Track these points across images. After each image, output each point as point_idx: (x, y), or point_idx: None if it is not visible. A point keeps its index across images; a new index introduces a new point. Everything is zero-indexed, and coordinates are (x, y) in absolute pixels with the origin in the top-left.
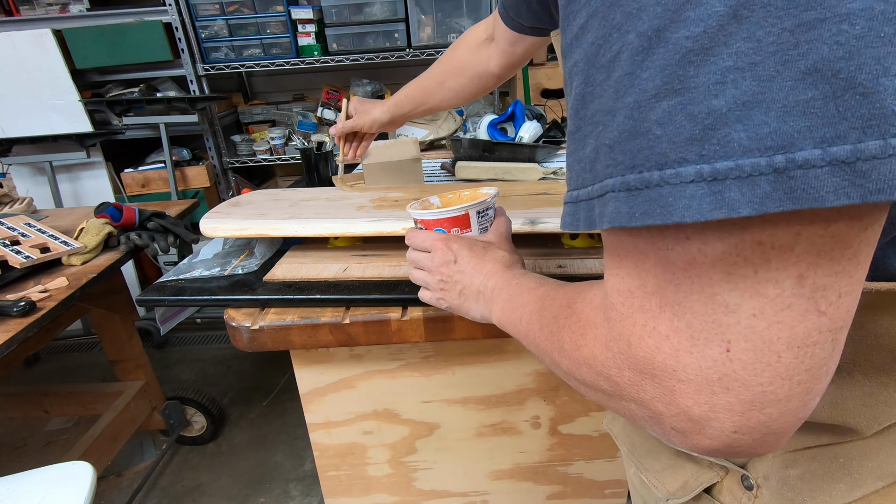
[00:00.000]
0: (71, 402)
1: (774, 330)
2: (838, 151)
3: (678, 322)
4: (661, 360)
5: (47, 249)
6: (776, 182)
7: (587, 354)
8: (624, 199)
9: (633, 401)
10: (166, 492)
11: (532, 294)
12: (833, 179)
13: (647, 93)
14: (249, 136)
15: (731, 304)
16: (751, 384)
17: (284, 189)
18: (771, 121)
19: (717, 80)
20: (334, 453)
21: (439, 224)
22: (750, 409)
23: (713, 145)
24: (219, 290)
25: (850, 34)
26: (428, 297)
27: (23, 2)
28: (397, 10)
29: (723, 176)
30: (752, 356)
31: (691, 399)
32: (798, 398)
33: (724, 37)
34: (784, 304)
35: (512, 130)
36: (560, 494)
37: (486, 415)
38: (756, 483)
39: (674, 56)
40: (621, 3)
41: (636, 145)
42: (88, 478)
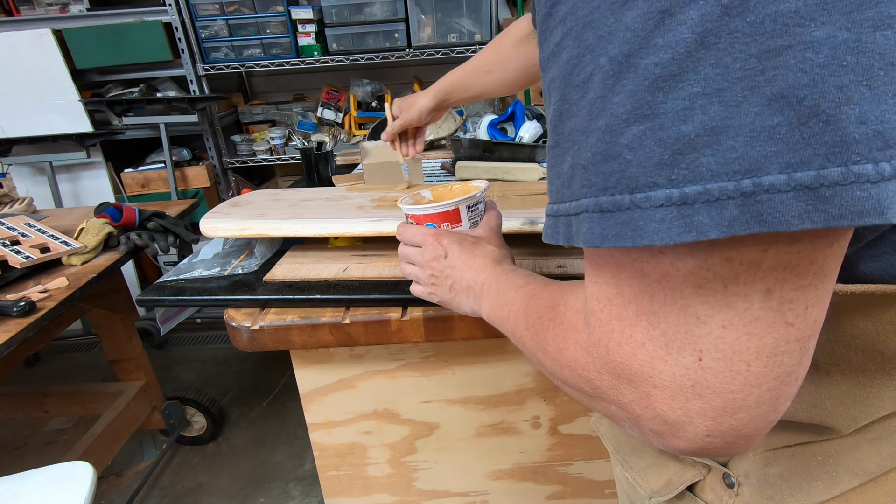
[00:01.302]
0: (71, 402)
1: (744, 341)
2: (803, 177)
3: (653, 331)
4: (637, 367)
5: (47, 249)
6: (743, 206)
7: (569, 358)
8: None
9: (612, 403)
10: (166, 492)
11: (519, 292)
12: (798, 204)
13: (617, 117)
14: (249, 136)
15: (703, 315)
16: (722, 391)
17: (284, 189)
18: (738, 146)
19: (685, 106)
20: (334, 453)
21: (430, 219)
22: (721, 415)
23: (682, 170)
24: (219, 290)
25: (814, 62)
26: (419, 292)
27: (23, 2)
28: (397, 10)
29: (692, 200)
30: (723, 365)
31: (666, 404)
32: (767, 404)
33: (692, 63)
34: (753, 317)
35: (512, 130)
36: (560, 494)
37: (486, 415)
38: (737, 481)
39: (643, 82)
40: (593, 25)
41: (608, 168)
42: (88, 478)
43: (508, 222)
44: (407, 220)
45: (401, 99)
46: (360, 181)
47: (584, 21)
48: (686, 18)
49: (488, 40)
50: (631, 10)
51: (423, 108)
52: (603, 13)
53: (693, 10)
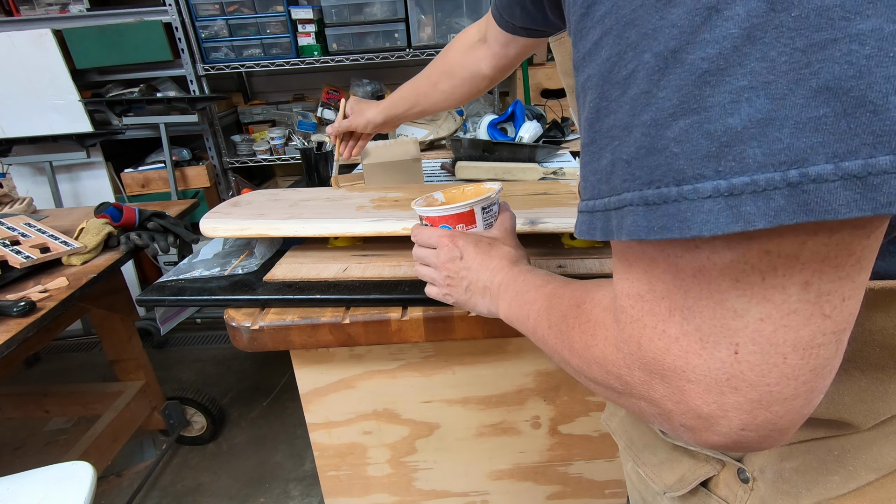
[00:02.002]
0: (71, 402)
1: (781, 333)
2: (850, 166)
3: (687, 325)
4: (670, 362)
5: (47, 249)
6: (790, 196)
7: (598, 354)
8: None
9: (643, 399)
10: (166, 492)
11: (539, 291)
12: (845, 193)
13: (664, 111)
14: (249, 136)
15: (739, 309)
16: (758, 384)
17: (284, 189)
18: (785, 137)
19: (732, 100)
20: (334, 453)
21: (445, 220)
22: (757, 408)
23: (729, 161)
24: (219, 290)
25: (861, 54)
26: (434, 293)
27: (23, 2)
28: (397, 10)
29: (739, 191)
30: (760, 358)
31: (700, 398)
32: (803, 396)
33: (738, 57)
34: (790, 309)
35: (512, 130)
36: (560, 494)
37: (486, 415)
38: (752, 476)
39: (690, 76)
40: (636, 22)
41: (654, 161)
42: (88, 478)
43: None
44: (421, 221)
45: (356, 101)
46: (360, 181)
47: (625, 20)
48: (733, 14)
49: None
50: (677, 8)
51: (371, 120)
52: (647, 11)
53: (739, 6)
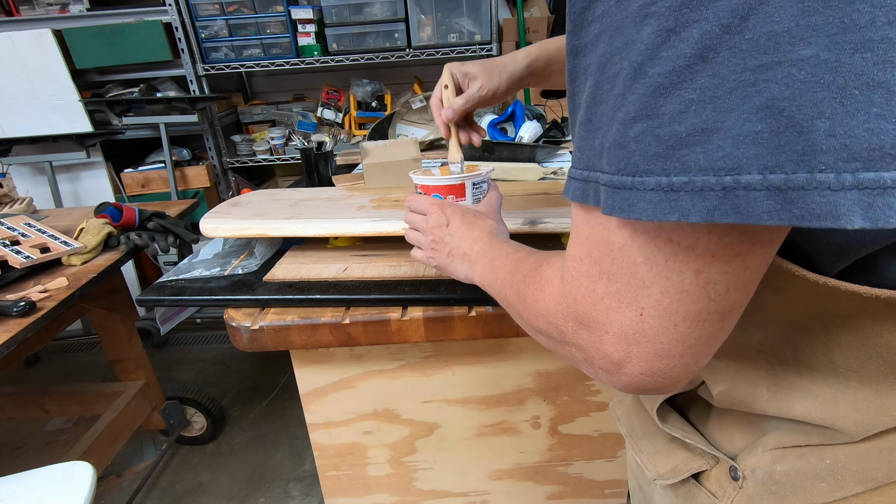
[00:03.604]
0: (71, 402)
1: (675, 306)
2: (774, 179)
3: (610, 287)
4: (595, 316)
5: (47, 249)
6: (724, 198)
7: (543, 308)
8: (610, 192)
9: (573, 346)
10: (166, 492)
11: (509, 258)
12: (768, 202)
13: (629, 114)
14: (249, 136)
15: (647, 281)
16: (655, 341)
17: (284, 189)
18: (726, 146)
19: (680, 110)
20: (334, 453)
21: (437, 190)
22: (653, 359)
23: (673, 162)
24: (219, 290)
25: (797, 78)
26: (419, 256)
27: (23, 2)
28: (397, 10)
29: (678, 188)
30: (658, 322)
31: (613, 347)
32: (689, 356)
33: (690, 74)
34: (683, 289)
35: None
36: (560, 494)
37: (486, 415)
38: (743, 475)
39: (648, 87)
40: (623, 31)
41: (621, 154)
42: (88, 478)
43: (509, 222)
44: (416, 190)
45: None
46: (360, 181)
47: (616, 25)
48: (688, 36)
49: (488, 40)
50: (646, 26)
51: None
52: (629, 23)
53: (695, 28)
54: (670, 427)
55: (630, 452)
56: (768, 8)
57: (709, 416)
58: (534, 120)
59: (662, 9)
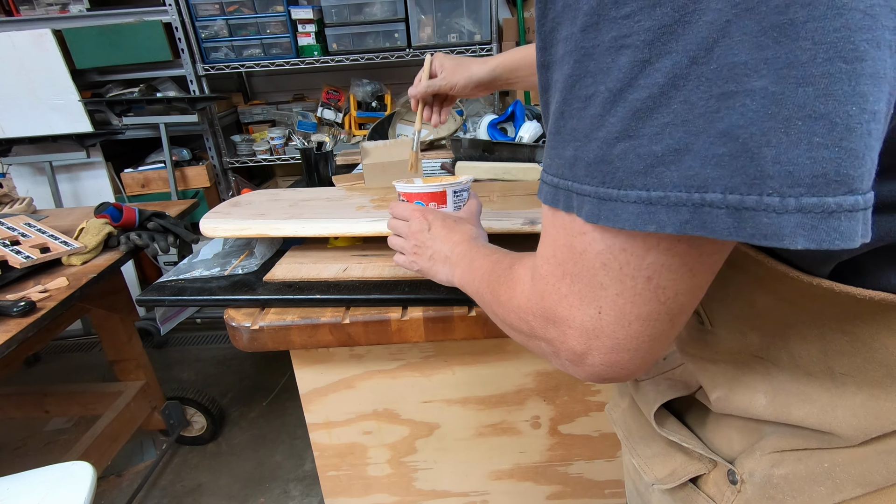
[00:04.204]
0: (71, 402)
1: (629, 307)
2: (732, 199)
3: (573, 287)
4: (560, 312)
5: (47, 249)
6: (693, 213)
7: (515, 305)
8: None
9: (542, 340)
10: (166, 492)
11: (486, 259)
12: (727, 219)
13: (612, 134)
14: (249, 136)
15: (604, 284)
16: (612, 336)
17: (284, 189)
18: (696, 165)
19: (657, 132)
20: (334, 453)
21: (419, 197)
22: (611, 353)
23: (651, 178)
24: (219, 290)
25: (750, 107)
26: (402, 261)
27: (23, 2)
28: (397, 10)
29: (655, 202)
30: (614, 320)
31: (576, 340)
32: (643, 350)
33: (664, 100)
34: (636, 293)
35: (512, 130)
36: (560, 494)
37: (486, 415)
38: (741, 479)
39: (628, 111)
40: (594, 57)
41: (605, 169)
42: (88, 478)
43: (508, 222)
44: (399, 197)
45: (447, 57)
46: (360, 181)
47: (585, 51)
48: (661, 67)
49: (488, 40)
50: (622, 56)
51: (475, 77)
52: (602, 52)
53: (667, 60)
54: (668, 431)
55: (627, 456)
56: (729, 41)
57: (706, 419)
58: (534, 120)
59: (637, 42)
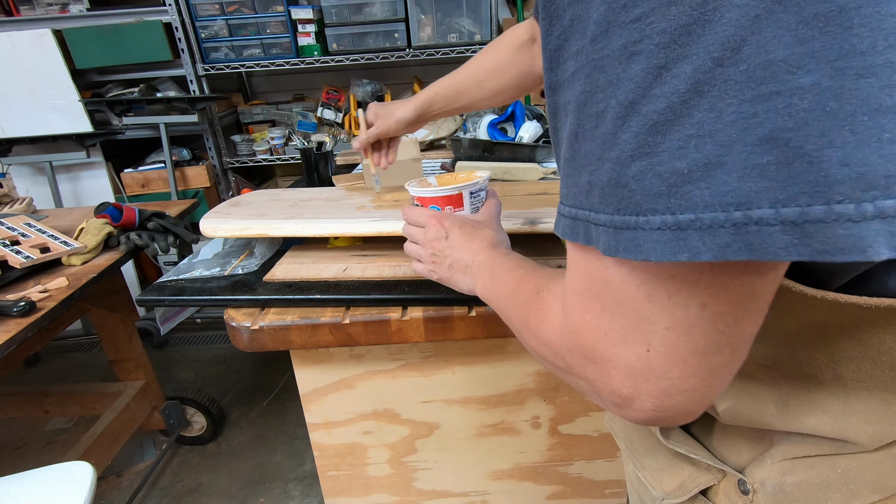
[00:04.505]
0: (71, 402)
1: (682, 341)
2: (789, 213)
3: (613, 323)
4: (600, 351)
5: (47, 249)
6: (735, 234)
7: (547, 338)
8: (612, 234)
9: (581, 378)
10: (166, 492)
11: (510, 275)
12: (784, 237)
13: (625, 153)
14: (249, 136)
15: (651, 317)
16: (664, 377)
17: (284, 189)
18: (732, 180)
19: (680, 146)
20: (334, 453)
21: (434, 202)
22: (664, 395)
23: (677, 200)
24: (219, 290)
25: (800, 107)
26: (420, 269)
27: (23, 2)
28: (397, 10)
29: (685, 226)
30: (666, 357)
31: (621, 383)
32: (701, 390)
33: (686, 109)
34: (690, 323)
35: (512, 130)
36: (560, 494)
37: (486, 415)
38: (752, 488)
39: (644, 125)
40: (604, 69)
41: (619, 193)
42: (88, 478)
43: (508, 222)
44: (413, 202)
45: (378, 105)
46: (360, 181)
47: (595, 63)
48: (680, 72)
49: (488, 40)
50: (634, 64)
51: (402, 118)
52: (612, 61)
53: (686, 64)
54: (673, 442)
55: (630, 467)
56: (760, 38)
57: (713, 429)
58: (534, 120)
59: (650, 46)
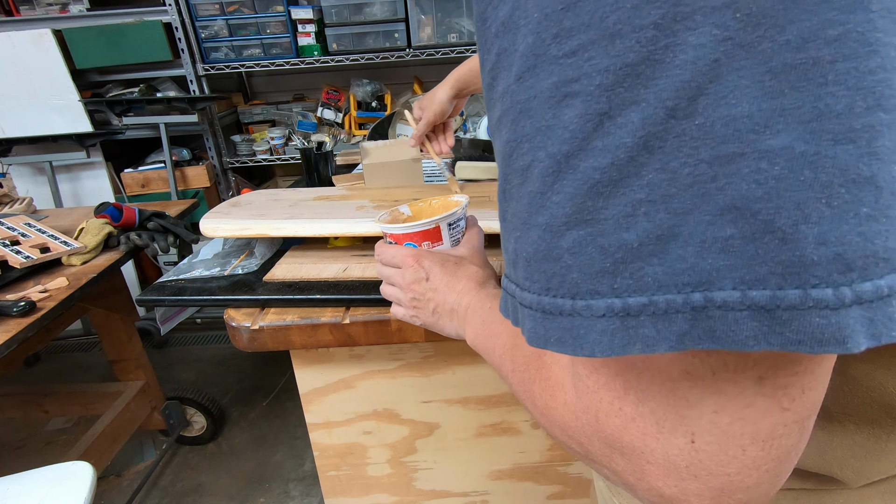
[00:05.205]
0: (71, 402)
1: (738, 426)
2: (758, 296)
3: (643, 407)
4: (629, 441)
5: (47, 249)
6: (694, 320)
7: (558, 418)
8: (540, 319)
9: (605, 468)
10: (166, 492)
11: (505, 324)
12: (753, 324)
13: (557, 218)
14: (249, 136)
15: (692, 399)
16: (718, 474)
17: (284, 189)
18: (689, 256)
19: (627, 213)
20: (334, 453)
21: (409, 238)
22: (719, 496)
23: (626, 279)
24: (219, 290)
25: (770, 174)
26: (401, 314)
27: (23, 2)
28: (397, 10)
29: (636, 312)
30: (718, 448)
31: (661, 481)
32: (767, 483)
33: (634, 168)
34: (745, 403)
35: None
36: (560, 494)
37: (486, 415)
38: None
39: (582, 185)
40: (531, 113)
41: (550, 269)
42: (88, 478)
43: None
44: (385, 238)
45: (420, 98)
46: (360, 181)
47: (520, 107)
48: (626, 122)
49: None
50: (569, 109)
51: (443, 99)
52: (540, 104)
53: (634, 112)
54: None
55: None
56: (721, 88)
57: None
58: None
59: (589, 87)
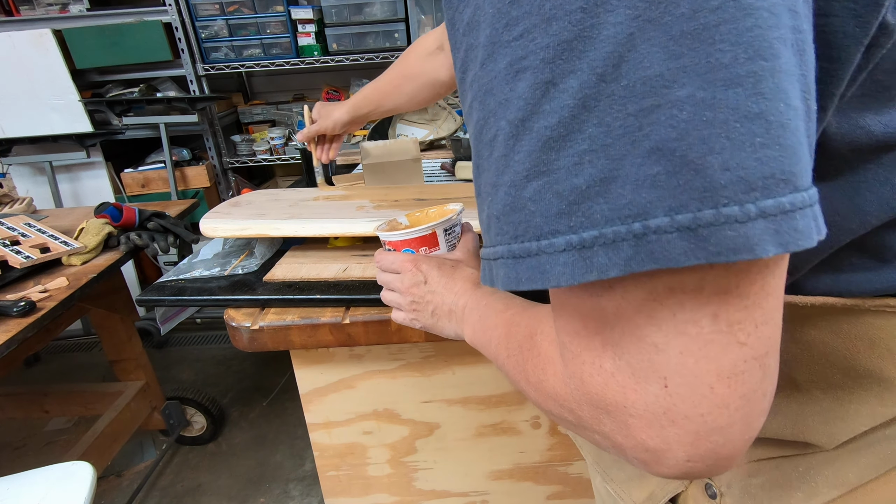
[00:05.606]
0: (71, 402)
1: (702, 364)
2: (682, 219)
3: (619, 361)
4: (611, 397)
5: (47, 249)
6: (637, 246)
7: (549, 389)
8: (511, 265)
9: (595, 432)
10: (166, 492)
11: (500, 317)
12: (682, 243)
13: (519, 174)
14: (249, 136)
15: (660, 344)
16: (692, 416)
17: (284, 189)
18: (627, 193)
19: (575, 162)
20: (334, 453)
21: (407, 244)
22: (697, 440)
23: (579, 217)
24: (219, 290)
25: (680, 118)
26: (401, 318)
27: (23, 2)
28: (397, 10)
29: (590, 243)
30: (688, 390)
31: (644, 433)
32: (740, 423)
33: (577, 124)
34: (705, 341)
35: None
36: (560, 494)
37: (486, 415)
38: (719, 491)
39: (537, 143)
40: (493, 91)
41: (516, 218)
42: (88, 478)
43: None
44: (384, 246)
45: (322, 105)
46: (360, 181)
47: (485, 88)
48: (567, 87)
49: None
50: (521, 81)
51: (338, 120)
52: (500, 82)
53: (572, 79)
54: None
55: (598, 480)
56: (637, 55)
57: None
58: None
59: (535, 62)
